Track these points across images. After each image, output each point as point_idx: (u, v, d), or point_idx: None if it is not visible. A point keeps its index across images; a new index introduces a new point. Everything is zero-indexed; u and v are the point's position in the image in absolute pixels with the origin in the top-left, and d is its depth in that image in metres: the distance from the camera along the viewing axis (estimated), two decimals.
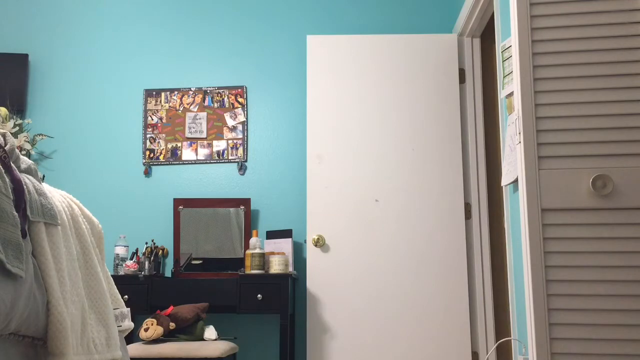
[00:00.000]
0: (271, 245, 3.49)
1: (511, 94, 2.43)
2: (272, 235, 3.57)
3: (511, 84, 2.30)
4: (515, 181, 2.19)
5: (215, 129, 3.84)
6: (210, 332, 3.17)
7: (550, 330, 1.84)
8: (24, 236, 1.25)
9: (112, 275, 3.22)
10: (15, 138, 3.62)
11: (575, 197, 1.88)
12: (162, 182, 3.82)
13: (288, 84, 3.87)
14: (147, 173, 3.83)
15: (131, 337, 3.25)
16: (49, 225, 1.39)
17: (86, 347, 1.42)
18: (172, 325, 3.04)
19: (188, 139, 3.84)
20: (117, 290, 1.83)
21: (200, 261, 3.61)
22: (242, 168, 3.80)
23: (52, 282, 1.32)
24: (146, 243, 3.55)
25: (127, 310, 1.96)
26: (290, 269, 3.39)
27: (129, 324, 1.80)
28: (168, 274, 3.61)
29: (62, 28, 4.02)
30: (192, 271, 3.58)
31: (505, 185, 2.50)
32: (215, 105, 3.87)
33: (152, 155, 3.84)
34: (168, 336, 3.05)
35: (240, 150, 3.81)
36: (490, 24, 3.46)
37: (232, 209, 3.67)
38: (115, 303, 1.79)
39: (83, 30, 4.03)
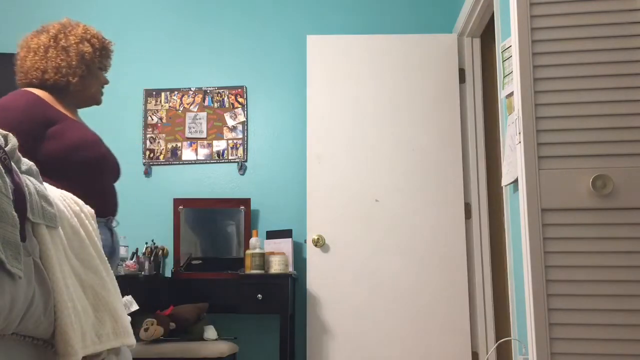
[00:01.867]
0: (271, 245, 3.49)
1: (511, 94, 2.43)
2: (272, 235, 3.57)
3: (511, 84, 2.31)
4: (515, 181, 2.19)
5: (215, 129, 3.84)
6: (210, 332, 3.17)
7: (550, 330, 1.84)
8: (24, 237, 1.25)
9: None
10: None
11: (575, 197, 1.88)
12: (162, 182, 3.82)
13: (288, 84, 3.87)
14: (147, 173, 3.83)
15: None
16: (50, 226, 1.39)
17: (89, 341, 1.43)
18: (172, 325, 3.04)
19: (188, 139, 3.84)
20: (115, 279, 1.82)
21: (200, 261, 3.61)
22: (242, 168, 3.80)
23: (57, 282, 1.32)
24: (146, 243, 3.55)
25: (129, 298, 2.06)
26: (290, 269, 3.39)
27: (135, 307, 1.93)
28: (168, 274, 3.61)
29: None
30: (192, 271, 3.58)
31: (505, 185, 2.50)
32: (215, 105, 3.87)
33: (152, 155, 3.84)
34: (168, 336, 3.05)
35: (240, 150, 3.81)
36: (490, 24, 3.46)
37: (232, 209, 3.67)
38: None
39: None
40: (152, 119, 3.88)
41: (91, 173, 2.08)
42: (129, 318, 1.72)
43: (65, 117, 2.10)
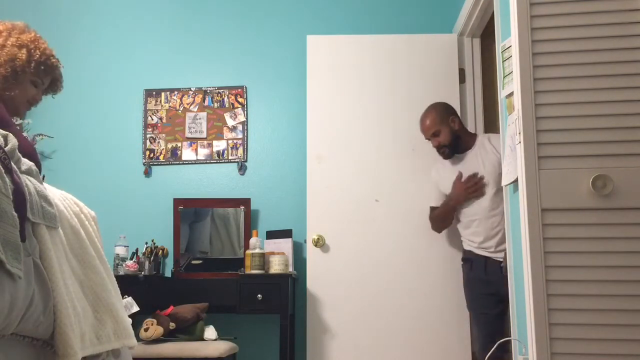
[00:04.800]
0: (271, 245, 3.49)
1: (511, 94, 2.42)
2: (272, 235, 3.57)
3: (511, 84, 2.30)
4: (515, 181, 2.18)
5: (215, 129, 3.84)
6: (210, 332, 3.17)
7: (550, 330, 1.84)
8: (23, 237, 1.25)
9: None
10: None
11: (575, 197, 1.88)
12: (162, 182, 3.81)
13: (288, 84, 3.86)
14: (147, 173, 3.83)
15: None
16: (50, 226, 1.39)
17: (89, 342, 1.43)
18: (172, 325, 3.04)
19: (188, 139, 3.84)
20: (115, 281, 1.82)
21: (200, 261, 3.61)
22: (242, 168, 3.80)
23: (57, 283, 1.32)
24: (146, 243, 3.55)
25: (130, 299, 2.00)
26: (290, 269, 3.38)
27: (136, 309, 1.99)
28: (168, 274, 3.61)
29: (61, 28, 4.01)
30: (192, 271, 3.58)
31: (505, 185, 2.50)
32: (215, 105, 3.87)
33: (152, 155, 3.84)
34: (168, 336, 3.05)
35: (240, 150, 3.81)
36: (490, 24, 3.45)
37: (232, 209, 3.67)
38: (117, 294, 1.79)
39: (83, 30, 4.03)
40: (152, 119, 3.87)
41: None
42: (130, 320, 1.71)
43: (12, 121, 1.96)
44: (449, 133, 3.07)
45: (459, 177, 3.04)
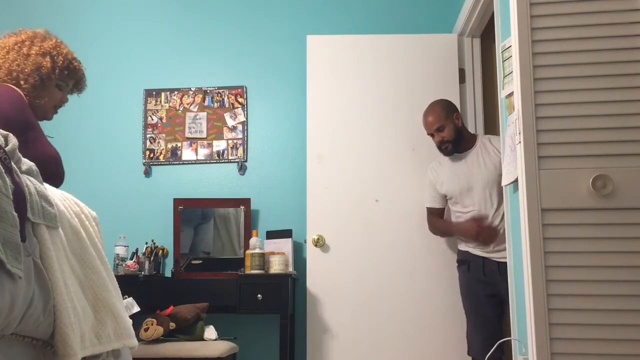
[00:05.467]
0: (271, 245, 3.49)
1: (511, 94, 2.43)
2: (272, 235, 3.57)
3: (511, 84, 2.30)
4: (515, 181, 2.19)
5: (215, 129, 3.84)
6: (210, 332, 3.17)
7: (550, 330, 1.84)
8: (23, 237, 1.25)
9: None
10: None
11: (575, 197, 1.88)
12: (162, 182, 3.81)
13: (288, 84, 3.86)
14: (147, 173, 3.83)
15: None
16: (50, 226, 1.39)
17: (89, 342, 1.43)
18: (172, 325, 3.04)
19: (188, 139, 3.84)
20: (115, 281, 1.82)
21: (200, 261, 3.61)
22: (242, 168, 3.80)
23: (57, 282, 1.32)
24: (146, 243, 3.55)
25: (130, 300, 2.24)
26: (290, 269, 3.38)
27: (137, 309, 2.06)
28: (168, 274, 3.61)
29: (61, 28, 4.00)
30: (192, 271, 3.58)
31: (505, 185, 2.50)
32: (215, 105, 3.87)
33: (152, 155, 3.84)
34: (168, 336, 3.05)
35: (240, 150, 3.81)
36: (490, 24, 3.46)
37: (232, 209, 3.67)
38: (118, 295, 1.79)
39: (82, 30, 4.03)
40: (152, 119, 3.88)
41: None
42: (131, 320, 1.71)
43: (39, 125, 2.03)
44: (452, 129, 3.05)
45: (478, 218, 2.94)
